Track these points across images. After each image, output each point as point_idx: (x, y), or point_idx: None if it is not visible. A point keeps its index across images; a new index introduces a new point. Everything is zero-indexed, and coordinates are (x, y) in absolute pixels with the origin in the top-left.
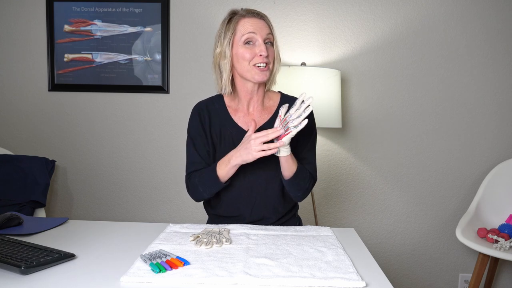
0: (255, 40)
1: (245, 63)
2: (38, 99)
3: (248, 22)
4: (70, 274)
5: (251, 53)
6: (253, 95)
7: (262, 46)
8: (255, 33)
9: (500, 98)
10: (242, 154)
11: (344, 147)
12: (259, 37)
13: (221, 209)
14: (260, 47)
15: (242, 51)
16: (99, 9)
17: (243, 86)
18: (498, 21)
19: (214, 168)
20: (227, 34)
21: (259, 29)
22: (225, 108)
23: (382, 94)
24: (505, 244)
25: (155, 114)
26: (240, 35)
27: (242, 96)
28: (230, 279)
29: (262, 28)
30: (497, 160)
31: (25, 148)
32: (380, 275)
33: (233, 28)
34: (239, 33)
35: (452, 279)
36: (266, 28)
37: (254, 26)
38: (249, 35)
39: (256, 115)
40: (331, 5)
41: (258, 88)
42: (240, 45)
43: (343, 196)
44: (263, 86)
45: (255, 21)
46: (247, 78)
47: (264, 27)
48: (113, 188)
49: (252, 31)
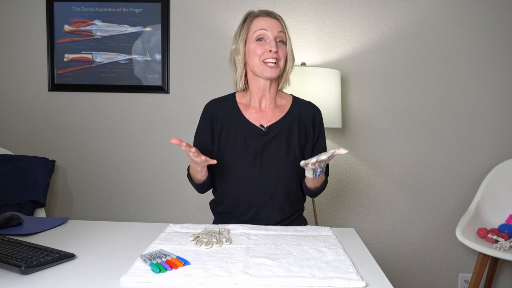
0: (267, 37)
1: (256, 58)
2: (38, 99)
3: (261, 20)
4: (70, 274)
5: (262, 49)
6: (265, 92)
7: (272, 42)
8: (267, 30)
9: (500, 98)
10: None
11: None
12: (270, 34)
13: (228, 204)
14: (271, 43)
15: (253, 47)
16: (99, 9)
17: (255, 83)
18: (498, 21)
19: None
20: (242, 32)
21: (271, 27)
22: (236, 105)
23: (382, 94)
24: (505, 244)
25: (155, 114)
26: (253, 32)
27: (254, 93)
28: (230, 279)
29: (274, 26)
30: (497, 160)
31: (25, 148)
32: (380, 275)
33: (247, 26)
34: (252, 30)
35: (452, 279)
36: (278, 26)
37: (266, 24)
38: (261, 31)
39: (268, 112)
40: (331, 5)
41: (270, 86)
42: (253, 41)
43: (343, 196)
44: (276, 85)
45: (268, 20)
46: (257, 74)
47: (276, 25)
48: (113, 188)
49: (263, 28)
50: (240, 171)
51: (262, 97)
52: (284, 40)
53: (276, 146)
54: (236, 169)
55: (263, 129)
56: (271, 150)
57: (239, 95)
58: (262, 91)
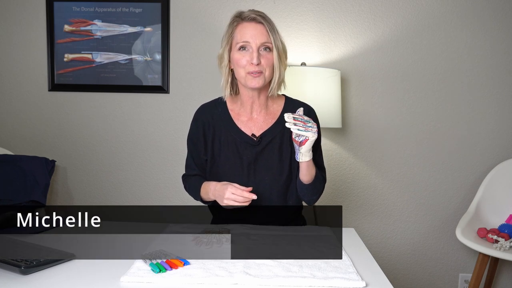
0: (249, 47)
1: (240, 69)
2: (38, 99)
3: (245, 28)
4: (70, 274)
5: (245, 60)
6: (254, 99)
7: (254, 53)
8: (249, 42)
9: (500, 98)
10: (217, 195)
11: (344, 147)
12: (253, 44)
13: (225, 213)
14: (252, 55)
15: (237, 57)
16: (99, 9)
17: (244, 90)
18: (498, 21)
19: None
20: (227, 38)
21: (254, 36)
22: (227, 112)
23: (382, 94)
24: (505, 244)
25: (155, 114)
26: (235, 42)
27: (244, 100)
28: (230, 279)
29: (257, 35)
30: (497, 160)
31: (25, 148)
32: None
33: (232, 32)
34: (235, 39)
35: (452, 279)
36: (262, 35)
37: (250, 33)
38: (243, 43)
39: (260, 120)
40: (331, 5)
41: (260, 93)
42: (236, 50)
43: (343, 196)
44: (265, 91)
45: (252, 28)
46: (243, 84)
47: (260, 34)
48: (113, 188)
49: (246, 40)
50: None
51: (252, 104)
52: (270, 47)
53: (269, 154)
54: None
55: (254, 138)
56: (264, 159)
57: (229, 100)
58: (252, 98)
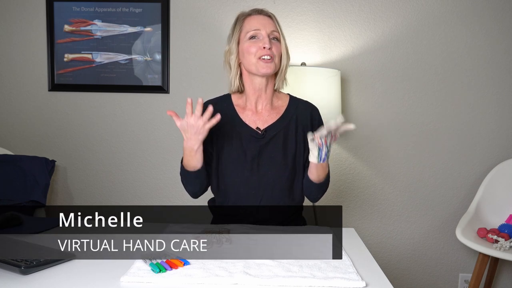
0: (260, 35)
1: (250, 57)
2: (38, 99)
3: (253, 19)
4: (70, 274)
5: (256, 46)
6: (261, 92)
7: (266, 39)
8: (259, 29)
9: (500, 98)
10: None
11: (344, 147)
12: (263, 32)
13: (227, 207)
14: (264, 40)
15: (247, 45)
16: (99, 9)
17: (251, 83)
18: (498, 21)
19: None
20: (234, 33)
21: (263, 25)
22: (232, 107)
23: (382, 94)
24: (505, 244)
25: (155, 114)
26: (245, 32)
27: (250, 94)
28: (230, 279)
29: (266, 24)
30: (497, 160)
31: (25, 148)
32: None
33: (240, 26)
34: (244, 30)
35: (452, 279)
36: (271, 25)
37: (259, 22)
38: (254, 32)
39: (265, 114)
40: (331, 5)
41: (266, 86)
42: (246, 40)
43: (343, 196)
44: (272, 85)
45: (260, 18)
46: (253, 71)
47: (269, 23)
48: (113, 188)
49: (256, 28)
50: (237, 175)
51: (258, 98)
52: (278, 37)
53: (272, 148)
54: (233, 173)
55: (259, 132)
56: (268, 153)
57: (234, 96)
58: (258, 92)
